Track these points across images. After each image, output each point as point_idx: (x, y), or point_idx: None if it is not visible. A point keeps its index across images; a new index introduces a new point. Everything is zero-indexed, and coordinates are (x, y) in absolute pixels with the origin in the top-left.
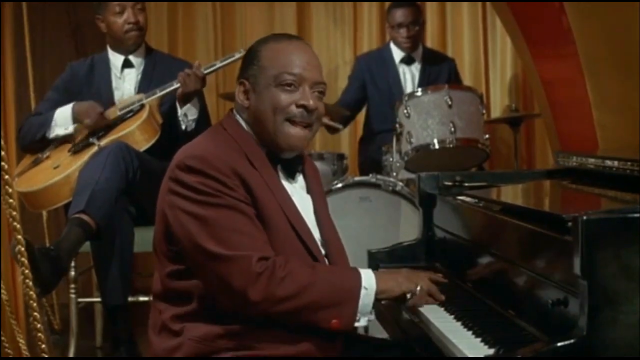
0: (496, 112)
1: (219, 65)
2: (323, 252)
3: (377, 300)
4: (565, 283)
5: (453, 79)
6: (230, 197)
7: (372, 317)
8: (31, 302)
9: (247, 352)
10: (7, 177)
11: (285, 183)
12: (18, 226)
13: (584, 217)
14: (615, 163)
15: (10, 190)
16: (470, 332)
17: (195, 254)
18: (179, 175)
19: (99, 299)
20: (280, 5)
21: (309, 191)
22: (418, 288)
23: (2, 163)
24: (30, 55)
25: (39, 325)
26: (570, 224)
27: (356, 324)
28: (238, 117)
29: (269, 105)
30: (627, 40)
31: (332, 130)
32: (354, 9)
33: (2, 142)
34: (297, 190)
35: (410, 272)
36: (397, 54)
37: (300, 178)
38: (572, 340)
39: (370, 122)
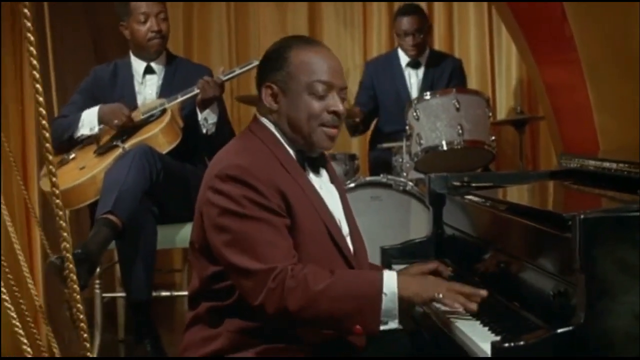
0: (502, 113)
1: (237, 72)
2: (349, 240)
3: (401, 303)
4: (566, 276)
5: (455, 77)
6: (263, 208)
7: (394, 324)
8: (78, 305)
9: (275, 344)
10: (57, 191)
11: (312, 177)
12: (68, 245)
13: (582, 216)
14: (614, 165)
15: (58, 201)
16: (479, 322)
17: (223, 264)
18: (219, 185)
19: (121, 294)
20: (292, 10)
21: (332, 181)
22: (441, 296)
23: (52, 170)
24: (53, 59)
25: (85, 335)
26: (569, 222)
27: (384, 327)
28: (264, 120)
29: (304, 112)
30: (627, 46)
31: (354, 130)
32: (364, 13)
33: (6, 147)
34: (323, 183)
35: (437, 279)
36: (404, 58)
37: (324, 171)
38: (571, 328)
39: (379, 124)
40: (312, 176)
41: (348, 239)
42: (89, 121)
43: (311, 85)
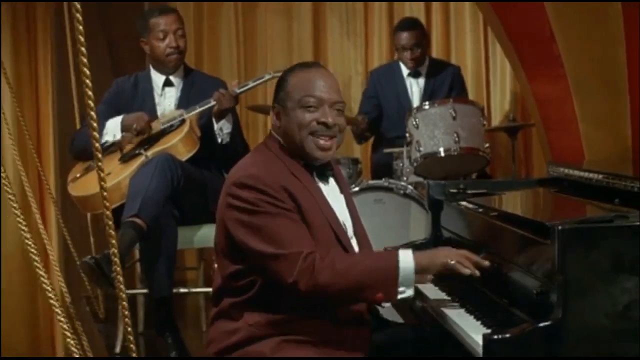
0: (497, 118)
1: (251, 85)
2: (355, 242)
3: (419, 273)
4: (546, 277)
5: (456, 86)
6: (277, 207)
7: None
8: (123, 302)
9: (290, 336)
10: (107, 204)
11: (321, 185)
12: (115, 251)
13: (560, 228)
14: (595, 175)
15: (108, 212)
16: (472, 317)
17: (251, 256)
18: (236, 191)
19: (141, 291)
20: (297, 22)
21: (341, 191)
22: (453, 262)
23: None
24: (73, 69)
25: (129, 329)
26: (551, 231)
27: (401, 296)
28: (275, 135)
29: (295, 124)
30: (610, 64)
31: (360, 138)
32: (365, 24)
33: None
34: (331, 191)
35: (447, 248)
36: (405, 68)
37: (332, 180)
38: (550, 322)
39: (382, 130)
40: (320, 184)
41: (353, 241)
42: (112, 129)
43: (302, 100)
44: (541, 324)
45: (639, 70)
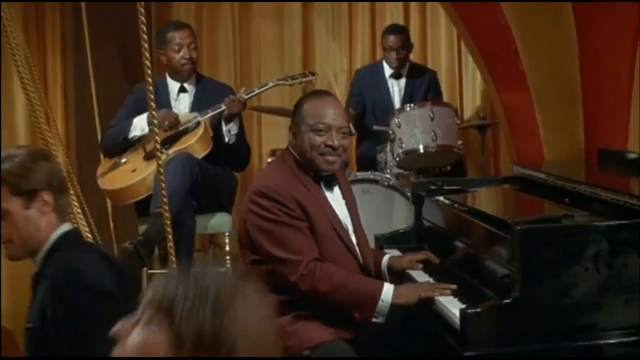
0: (468, 114)
1: (256, 91)
2: (354, 241)
3: (394, 306)
4: (508, 264)
5: (432, 88)
6: (289, 216)
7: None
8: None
9: (301, 312)
10: (165, 199)
11: (327, 194)
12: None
13: (518, 227)
14: (552, 178)
15: (166, 207)
16: (451, 295)
17: (264, 255)
18: (256, 199)
19: (162, 270)
20: (288, 26)
21: (344, 197)
22: (425, 295)
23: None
24: (93, 72)
25: None
26: (511, 228)
27: (374, 320)
28: (291, 150)
29: (308, 145)
30: (567, 77)
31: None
32: (350, 28)
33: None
34: (335, 198)
35: (424, 285)
36: (388, 69)
37: (336, 189)
38: (511, 300)
39: (366, 125)
40: (325, 191)
41: (353, 236)
42: (140, 124)
43: (314, 125)
44: (504, 301)
45: (590, 84)
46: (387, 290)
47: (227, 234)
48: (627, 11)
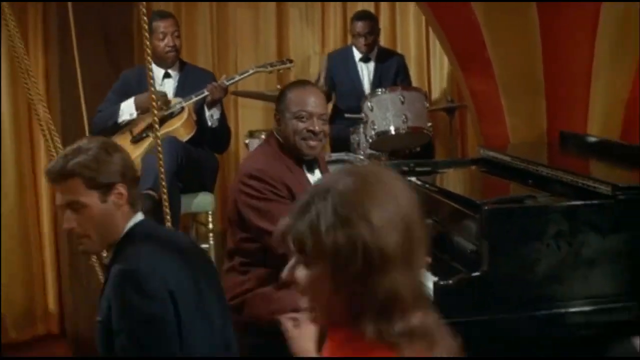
0: (436, 95)
1: (237, 78)
2: None
3: None
4: (477, 241)
5: (401, 72)
6: (276, 195)
7: None
8: None
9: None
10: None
11: (309, 176)
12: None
13: (485, 207)
14: (517, 161)
15: (162, 176)
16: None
17: (254, 231)
18: (247, 181)
19: None
20: (263, 14)
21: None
22: None
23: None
24: (79, 59)
25: None
26: (479, 208)
27: None
28: (276, 135)
29: (292, 130)
30: (531, 67)
31: None
32: (322, 15)
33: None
34: (316, 177)
35: None
36: (357, 54)
37: (317, 172)
38: (480, 273)
39: (338, 107)
40: (307, 174)
41: None
42: (128, 109)
43: (297, 112)
44: (473, 274)
45: (552, 73)
46: None
47: (209, 212)
48: (586, 6)
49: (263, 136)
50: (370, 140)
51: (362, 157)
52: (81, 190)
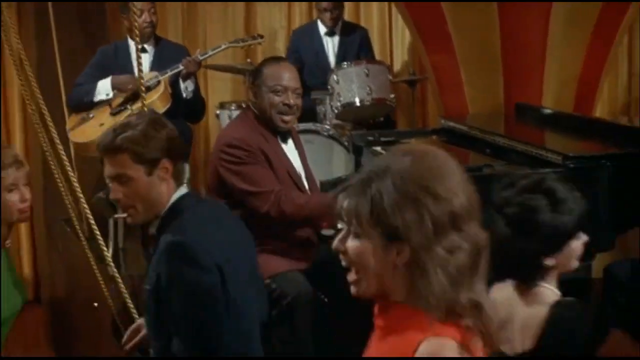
0: (397, 67)
1: (210, 53)
2: (307, 186)
3: None
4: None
5: (364, 46)
6: (254, 160)
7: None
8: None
9: (264, 247)
10: None
11: (283, 145)
12: None
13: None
14: (475, 131)
15: None
16: None
17: (238, 194)
18: (227, 149)
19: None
20: None
21: (296, 148)
22: None
23: None
24: (56, 36)
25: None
26: None
27: (339, 226)
28: (253, 108)
29: (268, 103)
30: (489, 43)
31: None
32: None
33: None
34: (290, 149)
35: None
36: (322, 28)
37: (290, 142)
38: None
39: (304, 80)
40: (282, 144)
41: (305, 182)
42: (104, 89)
43: (273, 87)
44: None
45: (509, 48)
46: None
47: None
48: None
49: (233, 107)
50: (336, 111)
51: (328, 127)
52: (128, 164)
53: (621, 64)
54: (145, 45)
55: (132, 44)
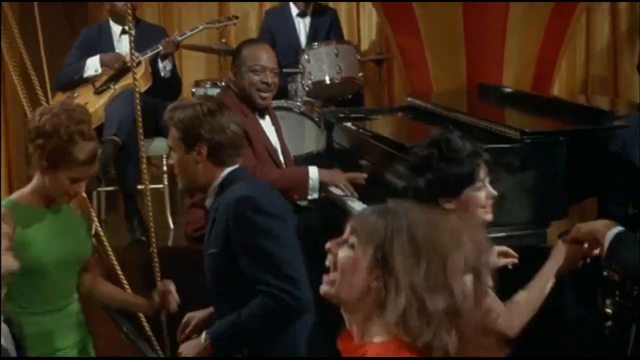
0: (364, 47)
1: (188, 34)
2: (282, 159)
3: (321, 185)
4: (406, 178)
5: (334, 26)
6: None
7: (316, 195)
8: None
9: None
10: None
11: (261, 121)
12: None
13: (414, 150)
14: (438, 108)
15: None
16: (360, 202)
17: None
18: None
19: (110, 188)
20: None
21: (273, 124)
22: (342, 184)
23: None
24: (40, 26)
25: None
26: (408, 149)
27: (310, 197)
28: (233, 87)
29: (247, 82)
30: (453, 25)
31: None
32: None
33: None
34: (267, 124)
35: (338, 172)
36: (294, 9)
37: (267, 118)
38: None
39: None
40: (260, 119)
41: (281, 156)
42: (93, 65)
43: (252, 66)
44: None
45: (472, 30)
46: (313, 170)
47: (164, 155)
48: None
49: (208, 85)
50: (307, 89)
51: (299, 104)
52: (174, 140)
53: (579, 44)
54: (126, 27)
55: (114, 25)
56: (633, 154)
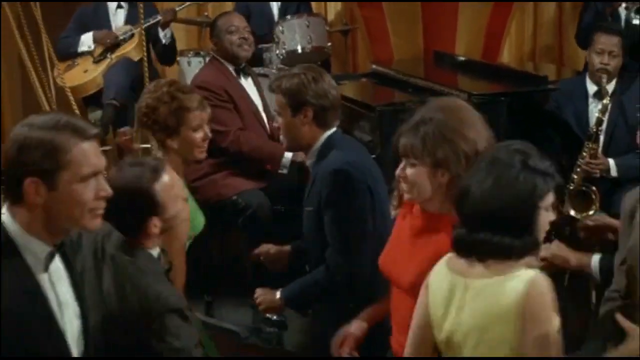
0: (331, 17)
1: (187, 4)
2: (264, 116)
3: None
4: (372, 133)
5: (303, 2)
6: (219, 100)
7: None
8: None
9: (225, 172)
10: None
11: (243, 81)
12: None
13: (378, 108)
14: (400, 75)
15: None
16: None
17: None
18: (196, 91)
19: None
20: None
21: (254, 84)
22: None
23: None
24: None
25: None
26: (375, 110)
27: (280, 172)
28: (216, 56)
29: (229, 43)
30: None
31: None
32: None
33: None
34: (248, 84)
35: None
36: None
37: (250, 79)
38: (375, 156)
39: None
40: (242, 80)
41: (263, 114)
42: (87, 42)
43: (227, 28)
44: (372, 156)
45: (427, 5)
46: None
47: None
48: None
49: (191, 54)
50: (281, 57)
51: (274, 71)
52: (280, 104)
53: (528, 16)
54: (121, 2)
55: (109, 3)
56: (566, 114)
